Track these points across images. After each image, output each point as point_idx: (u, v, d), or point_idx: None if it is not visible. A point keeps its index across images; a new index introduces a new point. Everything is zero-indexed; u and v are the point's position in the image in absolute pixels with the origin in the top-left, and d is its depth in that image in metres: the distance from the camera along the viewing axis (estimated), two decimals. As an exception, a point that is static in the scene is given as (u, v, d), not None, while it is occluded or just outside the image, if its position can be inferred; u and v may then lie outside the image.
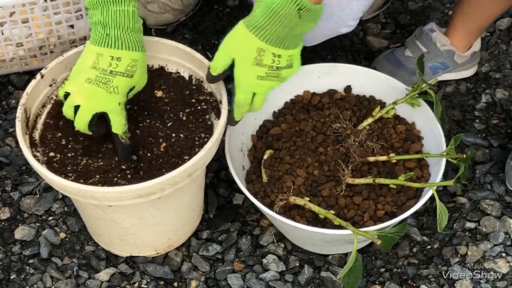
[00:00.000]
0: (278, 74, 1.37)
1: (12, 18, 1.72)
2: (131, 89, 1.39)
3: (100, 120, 1.37)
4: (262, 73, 1.35)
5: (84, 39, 1.79)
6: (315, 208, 1.40)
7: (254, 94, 1.39)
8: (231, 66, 1.37)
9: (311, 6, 1.30)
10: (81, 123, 1.37)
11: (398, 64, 1.76)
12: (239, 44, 1.35)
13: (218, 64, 1.37)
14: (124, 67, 1.36)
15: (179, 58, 1.51)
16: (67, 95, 1.37)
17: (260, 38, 1.33)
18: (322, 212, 1.39)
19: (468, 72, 1.82)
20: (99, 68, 1.35)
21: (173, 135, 1.43)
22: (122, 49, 1.35)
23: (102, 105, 1.36)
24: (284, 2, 1.28)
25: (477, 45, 1.78)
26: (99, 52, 1.35)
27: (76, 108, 1.37)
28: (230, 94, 1.41)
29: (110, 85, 1.35)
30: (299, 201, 1.41)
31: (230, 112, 1.42)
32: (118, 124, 1.38)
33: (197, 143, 1.41)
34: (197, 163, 1.34)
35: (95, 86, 1.35)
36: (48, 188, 1.62)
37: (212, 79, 1.41)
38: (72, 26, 1.76)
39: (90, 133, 1.39)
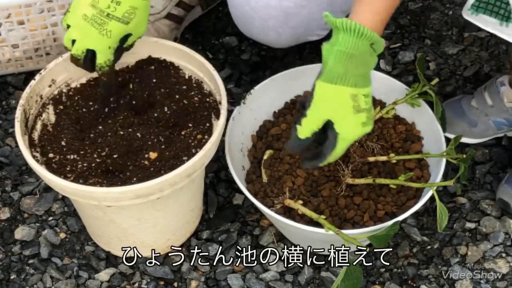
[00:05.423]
0: (372, 116, 1.30)
1: (8, 20, 1.72)
2: (127, 36, 1.40)
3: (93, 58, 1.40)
4: (364, 118, 1.27)
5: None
6: (307, 212, 1.40)
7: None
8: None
9: (378, 38, 1.24)
10: (75, 57, 1.39)
11: (460, 114, 1.66)
12: (331, 101, 1.25)
13: (308, 128, 1.27)
14: (121, 13, 1.36)
15: (179, 59, 1.51)
16: (68, 26, 1.39)
17: (348, 85, 1.24)
18: (314, 216, 1.39)
19: None
20: (97, 8, 1.35)
21: (172, 136, 1.43)
22: None
23: (92, 44, 1.38)
24: (356, 41, 1.22)
25: None
26: None
27: (73, 41, 1.39)
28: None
29: (104, 27, 1.36)
30: (293, 205, 1.41)
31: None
32: (103, 60, 1.39)
33: (195, 144, 1.41)
34: (196, 163, 1.34)
35: (89, 24, 1.36)
36: (48, 188, 1.62)
37: (297, 144, 1.29)
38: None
39: (84, 69, 1.41)
